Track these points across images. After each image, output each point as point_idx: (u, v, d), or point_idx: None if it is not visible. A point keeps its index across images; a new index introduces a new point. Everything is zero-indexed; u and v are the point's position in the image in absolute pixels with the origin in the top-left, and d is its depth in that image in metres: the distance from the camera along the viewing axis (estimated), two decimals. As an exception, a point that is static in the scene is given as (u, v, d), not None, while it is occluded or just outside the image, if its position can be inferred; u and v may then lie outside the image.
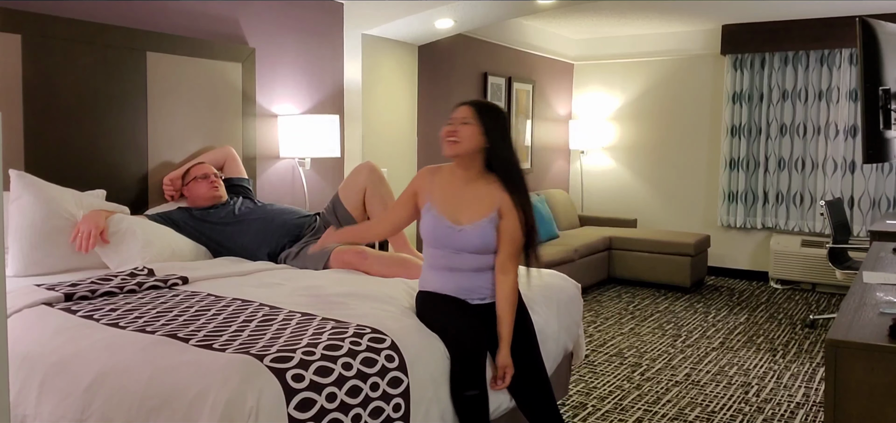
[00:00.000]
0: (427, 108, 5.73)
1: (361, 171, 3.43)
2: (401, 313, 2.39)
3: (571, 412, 3.49)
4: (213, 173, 3.59)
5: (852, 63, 6.42)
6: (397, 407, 2.05)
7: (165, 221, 3.33)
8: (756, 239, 7.02)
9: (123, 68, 3.52)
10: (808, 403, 3.67)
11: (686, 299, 6.13)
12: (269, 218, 3.43)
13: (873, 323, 1.91)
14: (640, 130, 7.59)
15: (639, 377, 4.01)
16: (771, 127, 6.79)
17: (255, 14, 4.30)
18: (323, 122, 4.39)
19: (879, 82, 2.63)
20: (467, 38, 6.16)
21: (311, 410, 1.82)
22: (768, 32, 6.64)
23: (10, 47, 3.10)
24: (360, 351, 2.02)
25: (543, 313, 2.84)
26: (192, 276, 2.85)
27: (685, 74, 7.30)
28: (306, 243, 3.32)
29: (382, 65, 5.11)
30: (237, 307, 2.39)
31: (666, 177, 7.48)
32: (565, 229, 6.93)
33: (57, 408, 1.97)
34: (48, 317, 2.29)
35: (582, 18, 6.64)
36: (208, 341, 2.01)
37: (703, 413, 3.50)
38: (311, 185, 4.72)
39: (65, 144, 3.32)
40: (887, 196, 6.34)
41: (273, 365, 1.82)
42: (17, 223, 2.96)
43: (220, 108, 4.01)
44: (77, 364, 1.99)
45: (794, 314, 5.59)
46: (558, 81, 7.71)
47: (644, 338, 4.84)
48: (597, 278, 6.45)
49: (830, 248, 5.08)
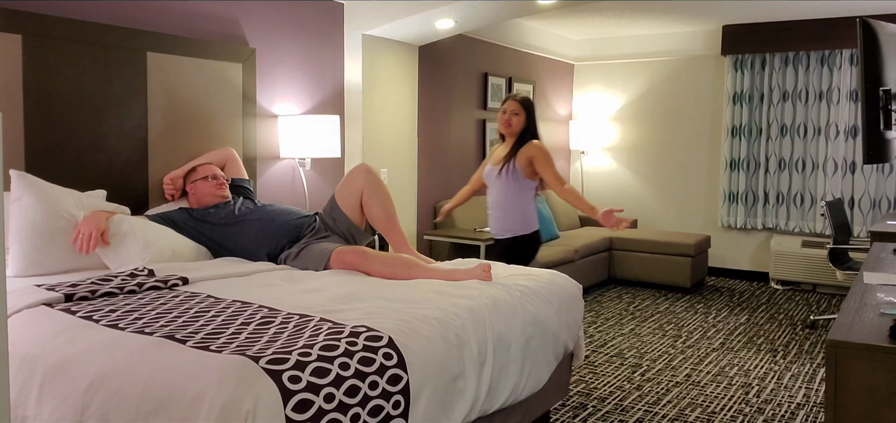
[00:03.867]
0: (427, 108, 5.73)
1: (358, 173, 3.42)
2: (400, 312, 2.39)
3: (572, 412, 3.49)
4: (219, 174, 3.59)
5: (853, 64, 6.42)
6: (397, 405, 2.05)
7: (165, 221, 3.33)
8: (756, 240, 7.02)
9: (123, 68, 3.52)
10: (808, 403, 3.67)
11: (686, 299, 6.12)
12: (269, 218, 3.43)
13: (874, 324, 1.90)
14: (641, 131, 7.59)
15: (639, 378, 4.01)
16: (771, 127, 6.79)
17: (256, 14, 4.30)
18: (323, 122, 4.39)
19: (880, 83, 2.63)
20: (468, 38, 6.16)
21: (309, 411, 1.81)
22: (769, 33, 6.63)
23: (10, 47, 3.10)
24: (356, 351, 2.02)
25: (544, 312, 2.83)
26: (193, 277, 2.85)
27: (686, 74, 7.30)
28: (306, 243, 3.32)
29: (383, 65, 5.11)
30: (236, 309, 2.39)
31: (666, 177, 7.48)
32: (566, 230, 6.92)
33: (57, 409, 1.97)
34: (48, 318, 2.29)
35: (582, 19, 6.64)
36: (206, 342, 2.01)
37: (703, 414, 3.49)
38: (312, 185, 4.72)
39: (65, 144, 3.32)
40: (888, 197, 6.33)
41: (269, 367, 1.82)
42: (17, 224, 2.96)
43: (221, 108, 4.01)
44: (76, 365, 1.99)
45: (794, 315, 5.59)
46: (559, 81, 7.71)
47: (644, 339, 4.83)
48: (597, 278, 6.45)
49: (831, 248, 5.07)
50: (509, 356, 2.58)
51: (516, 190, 3.87)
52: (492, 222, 3.98)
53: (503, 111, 3.91)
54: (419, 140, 5.56)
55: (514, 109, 3.88)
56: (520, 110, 3.87)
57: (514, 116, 3.87)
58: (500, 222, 3.93)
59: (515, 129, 3.88)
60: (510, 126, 3.88)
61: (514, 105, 3.88)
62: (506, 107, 3.91)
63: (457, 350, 2.32)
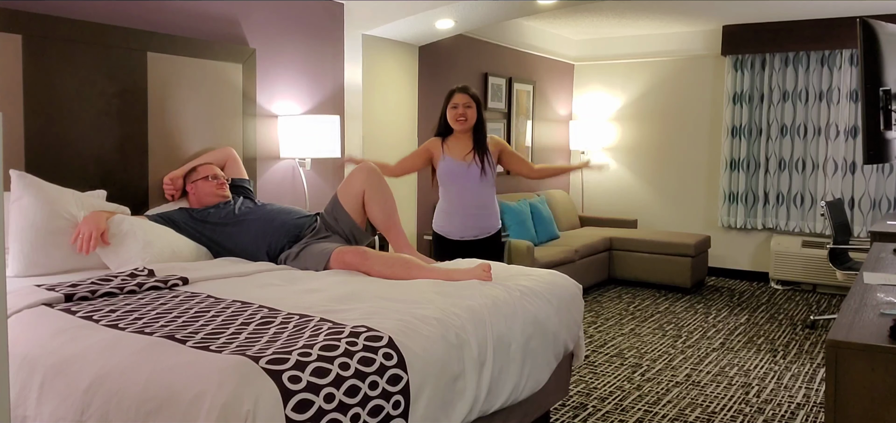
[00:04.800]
0: (427, 108, 5.73)
1: (360, 173, 3.42)
2: (400, 312, 2.39)
3: (572, 412, 3.49)
4: (220, 174, 3.59)
5: (853, 64, 6.42)
6: (397, 405, 2.05)
7: (165, 221, 3.33)
8: (756, 240, 7.02)
9: (123, 68, 3.52)
10: (808, 404, 3.67)
11: (686, 299, 6.12)
12: (269, 218, 3.43)
13: (874, 324, 1.90)
14: (641, 131, 7.59)
15: (639, 378, 4.01)
16: (771, 128, 6.79)
17: (256, 14, 4.30)
18: (323, 122, 4.39)
19: (880, 83, 2.63)
20: (468, 38, 6.16)
21: (309, 411, 1.81)
22: (769, 33, 6.63)
23: (10, 47, 3.10)
24: (356, 351, 2.02)
25: (544, 312, 2.83)
26: (193, 276, 2.85)
27: (686, 74, 7.30)
28: (306, 243, 3.32)
29: (383, 65, 5.11)
30: (236, 309, 2.39)
31: (666, 178, 7.48)
32: (566, 230, 6.93)
33: (57, 409, 1.97)
34: (48, 318, 2.29)
35: (582, 19, 6.64)
36: (206, 342, 2.01)
37: (703, 414, 3.49)
38: (312, 185, 4.72)
39: (65, 144, 3.32)
40: (888, 197, 6.33)
41: (269, 367, 1.82)
42: (17, 224, 2.96)
43: (221, 108, 4.01)
44: (76, 365, 1.99)
45: (794, 315, 5.59)
46: (559, 81, 7.71)
47: (644, 339, 4.83)
48: (597, 278, 6.45)
49: (831, 248, 5.07)
50: (509, 356, 2.58)
51: (492, 183, 3.83)
52: (470, 220, 3.81)
53: (454, 105, 3.76)
54: (419, 140, 5.56)
55: (466, 102, 3.75)
56: (472, 103, 3.75)
57: (468, 109, 3.74)
58: (485, 219, 3.82)
59: (471, 122, 3.75)
60: (466, 120, 3.75)
61: (466, 98, 3.76)
62: (457, 101, 3.76)
63: (457, 350, 2.32)
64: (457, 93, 3.77)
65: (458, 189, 3.80)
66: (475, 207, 3.80)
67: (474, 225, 3.80)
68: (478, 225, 3.81)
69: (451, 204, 3.83)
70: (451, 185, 3.81)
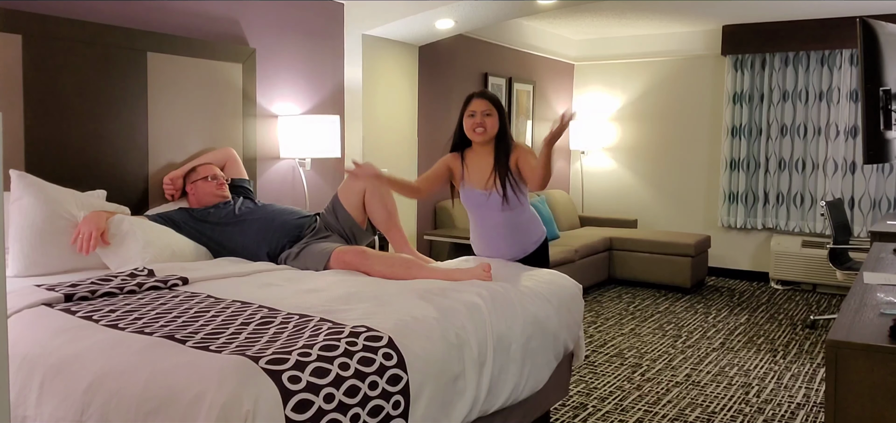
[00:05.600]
0: (427, 108, 5.73)
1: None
2: (400, 312, 2.39)
3: (572, 412, 3.49)
4: (220, 174, 3.59)
5: (853, 64, 6.42)
6: (397, 405, 2.05)
7: (165, 221, 3.33)
8: (756, 240, 7.02)
9: (123, 68, 3.52)
10: (808, 403, 3.67)
11: (686, 299, 6.12)
12: (270, 218, 3.43)
13: (874, 324, 1.90)
14: (641, 131, 7.59)
15: (639, 378, 4.01)
16: (771, 128, 6.79)
17: (256, 14, 4.30)
18: (323, 122, 4.39)
19: (880, 83, 2.63)
20: (468, 38, 6.16)
21: (309, 411, 1.81)
22: (769, 33, 6.63)
23: (10, 47, 3.10)
24: (356, 351, 2.02)
25: (544, 312, 2.83)
26: (192, 276, 2.85)
27: (686, 74, 7.30)
28: (306, 243, 3.32)
29: (383, 65, 5.11)
30: (236, 309, 2.39)
31: (666, 177, 7.48)
32: (566, 230, 6.93)
33: (57, 409, 1.97)
34: (48, 318, 2.29)
35: (582, 19, 6.64)
36: (206, 342, 2.01)
37: (703, 414, 3.49)
38: (312, 185, 4.72)
39: (65, 144, 3.32)
40: (888, 197, 6.33)
41: (269, 367, 1.82)
42: (17, 224, 2.96)
43: (221, 108, 4.01)
44: (76, 365, 1.99)
45: (794, 315, 5.59)
46: (559, 81, 7.71)
47: (644, 339, 4.83)
48: (597, 278, 6.45)
49: (831, 248, 5.07)
50: (509, 356, 2.58)
51: (520, 203, 3.22)
52: (504, 244, 3.27)
53: (471, 113, 3.17)
54: (419, 140, 5.56)
55: (485, 109, 3.15)
56: (492, 110, 3.16)
57: (487, 118, 3.15)
58: (524, 236, 3.27)
59: (491, 132, 3.16)
60: (485, 130, 3.15)
61: (485, 104, 3.16)
62: (474, 107, 3.17)
63: (457, 350, 2.32)
64: (475, 98, 3.20)
65: (481, 218, 3.29)
66: (506, 229, 3.24)
67: (514, 242, 3.28)
68: (516, 245, 3.28)
69: (482, 229, 3.32)
70: (475, 212, 3.31)
